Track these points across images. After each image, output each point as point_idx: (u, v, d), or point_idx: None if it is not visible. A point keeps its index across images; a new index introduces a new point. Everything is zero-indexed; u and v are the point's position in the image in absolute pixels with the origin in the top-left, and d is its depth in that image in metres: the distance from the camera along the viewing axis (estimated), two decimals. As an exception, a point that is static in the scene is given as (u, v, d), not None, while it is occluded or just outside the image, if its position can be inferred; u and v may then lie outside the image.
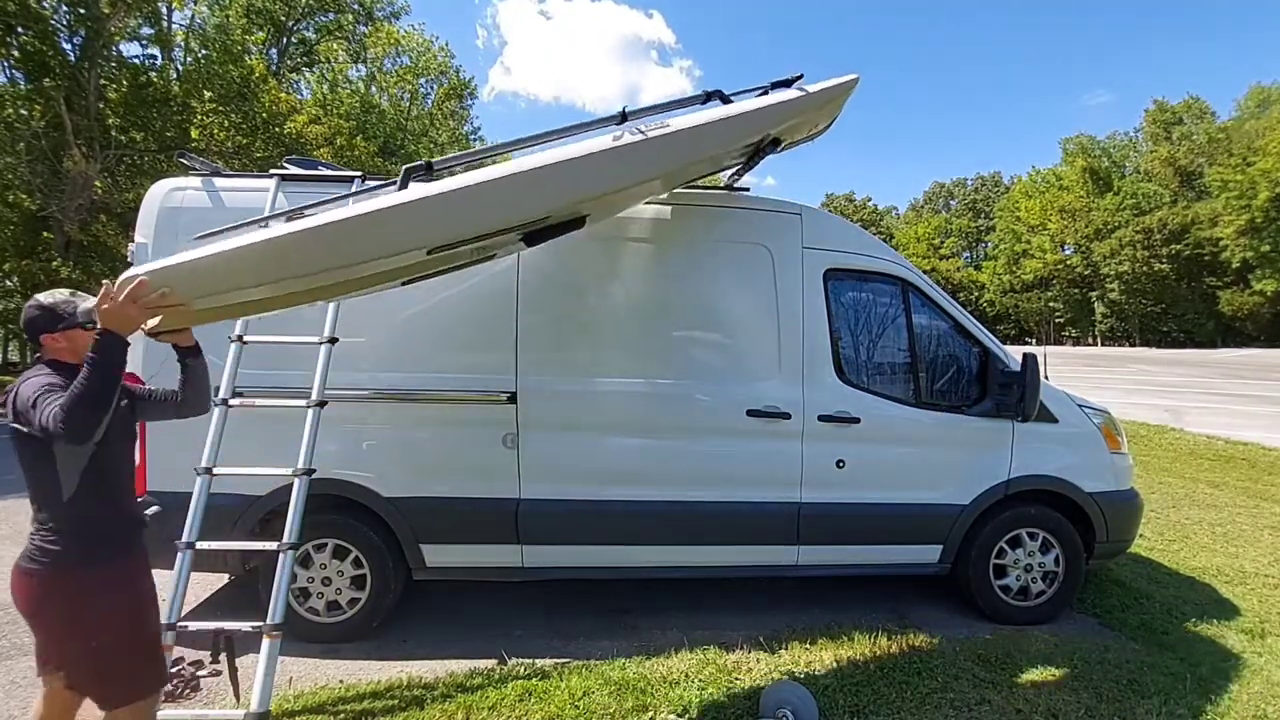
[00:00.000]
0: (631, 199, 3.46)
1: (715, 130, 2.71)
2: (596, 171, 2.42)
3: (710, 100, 2.96)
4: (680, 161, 2.71)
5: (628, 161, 2.50)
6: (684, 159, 2.71)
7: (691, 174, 3.40)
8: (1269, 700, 3.12)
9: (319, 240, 2.07)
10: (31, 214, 17.59)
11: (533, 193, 2.30)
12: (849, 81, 3.12)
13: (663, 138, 2.53)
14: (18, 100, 16.94)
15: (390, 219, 2.11)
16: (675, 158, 2.64)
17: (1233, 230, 47.81)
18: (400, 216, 2.13)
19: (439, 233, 2.23)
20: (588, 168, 2.39)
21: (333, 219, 2.07)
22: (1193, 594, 4.44)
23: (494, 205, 2.24)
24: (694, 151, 2.70)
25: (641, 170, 2.59)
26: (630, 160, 2.50)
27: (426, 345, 3.64)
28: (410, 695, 3.06)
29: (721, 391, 3.73)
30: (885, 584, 4.47)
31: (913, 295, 3.99)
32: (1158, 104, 61.34)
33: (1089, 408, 4.17)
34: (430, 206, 2.16)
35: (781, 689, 2.86)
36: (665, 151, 2.56)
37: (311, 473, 2.99)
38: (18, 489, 7.74)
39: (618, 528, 3.67)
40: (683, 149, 2.64)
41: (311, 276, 2.19)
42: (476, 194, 2.20)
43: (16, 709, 2.97)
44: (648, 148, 2.49)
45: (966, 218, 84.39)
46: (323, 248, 2.09)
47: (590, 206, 2.85)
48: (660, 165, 2.62)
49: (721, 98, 2.97)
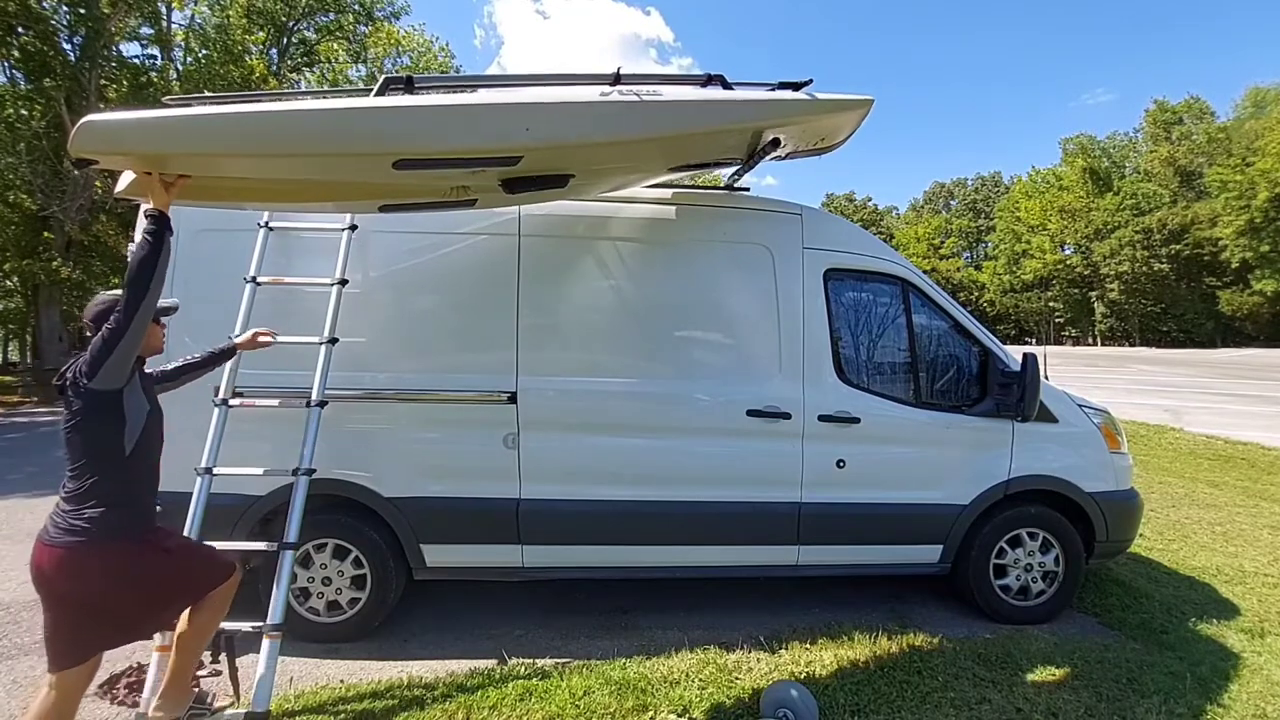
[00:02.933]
0: (618, 173, 3.43)
1: (706, 109, 2.74)
2: (570, 120, 2.48)
3: (711, 84, 2.96)
4: (663, 131, 2.69)
5: (605, 118, 2.54)
6: (667, 130, 2.69)
7: (678, 158, 3.35)
8: (1269, 700, 3.12)
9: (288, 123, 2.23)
10: (32, 214, 17.61)
11: (500, 125, 2.38)
12: (860, 100, 3.08)
13: (649, 103, 2.56)
14: (18, 100, 16.96)
15: (357, 119, 2.27)
16: (658, 126, 2.64)
17: (1232, 230, 47.80)
18: (367, 118, 2.28)
19: (403, 144, 2.30)
20: (562, 113, 2.47)
21: (304, 106, 2.24)
22: (1192, 593, 4.44)
23: (461, 129, 2.33)
24: (679, 124, 2.70)
25: (619, 129, 2.59)
26: (609, 116, 2.55)
27: (427, 345, 3.64)
28: (410, 695, 3.06)
29: (722, 391, 3.73)
30: (885, 584, 4.47)
31: (913, 295, 3.99)
32: (1158, 104, 61.33)
33: (1089, 408, 4.17)
34: (398, 115, 2.29)
35: (781, 689, 2.86)
36: (649, 117, 2.58)
37: (311, 473, 2.99)
38: (18, 489, 7.69)
39: (618, 528, 3.67)
40: (668, 119, 2.65)
41: (278, 160, 2.34)
42: (445, 114, 2.35)
43: (17, 709, 2.97)
44: (631, 109, 2.55)
45: (966, 218, 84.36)
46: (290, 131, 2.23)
47: (574, 165, 2.90)
48: (641, 129, 2.61)
49: (723, 84, 2.97)
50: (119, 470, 2.18)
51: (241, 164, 2.37)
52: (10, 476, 7.97)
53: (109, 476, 2.16)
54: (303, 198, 3.03)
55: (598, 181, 3.51)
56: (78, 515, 2.12)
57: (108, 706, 2.99)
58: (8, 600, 4.19)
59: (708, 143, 3.18)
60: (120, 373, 2.14)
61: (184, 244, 3.38)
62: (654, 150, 3.08)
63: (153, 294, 2.13)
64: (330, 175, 2.61)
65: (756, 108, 2.89)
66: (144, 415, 2.24)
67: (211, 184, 2.54)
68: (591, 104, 2.56)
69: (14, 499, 6.84)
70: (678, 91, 2.77)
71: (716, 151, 3.40)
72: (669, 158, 3.30)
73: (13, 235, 18.37)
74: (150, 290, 2.12)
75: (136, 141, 2.14)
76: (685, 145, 3.10)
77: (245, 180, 2.59)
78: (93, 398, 2.12)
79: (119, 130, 2.14)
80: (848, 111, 3.15)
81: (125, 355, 2.12)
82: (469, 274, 3.69)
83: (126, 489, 2.21)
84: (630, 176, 3.61)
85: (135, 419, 2.20)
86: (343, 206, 3.37)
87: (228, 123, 2.22)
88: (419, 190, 2.96)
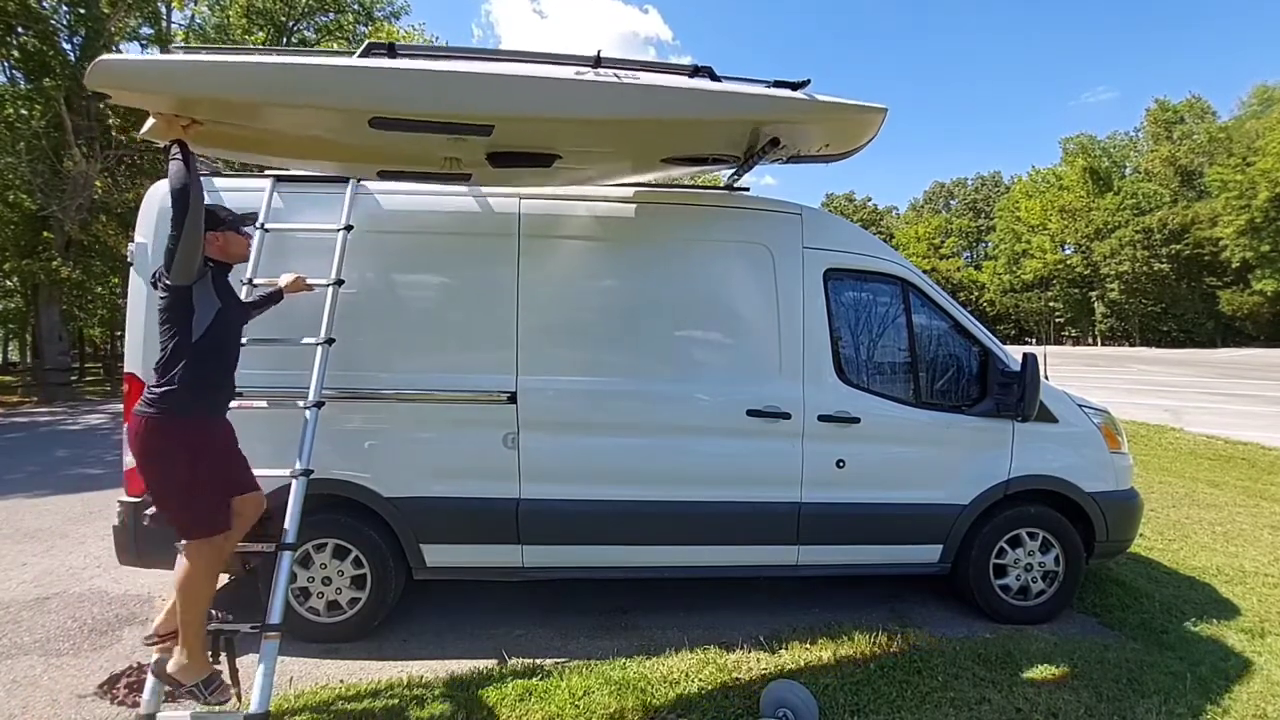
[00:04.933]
0: (606, 160, 3.48)
1: (682, 97, 2.78)
2: (535, 94, 2.62)
3: (698, 75, 2.95)
4: (634, 114, 2.75)
5: (573, 96, 2.65)
6: (638, 113, 2.75)
7: (666, 149, 3.35)
8: (1269, 700, 3.12)
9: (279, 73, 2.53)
10: (32, 214, 17.57)
11: (466, 93, 2.56)
12: (870, 108, 3.05)
13: (619, 85, 2.66)
14: (18, 100, 16.93)
15: (337, 75, 2.53)
16: (628, 108, 2.72)
17: (1233, 230, 47.81)
18: (346, 75, 2.54)
19: (374, 103, 2.53)
20: (528, 88, 2.61)
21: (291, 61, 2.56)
22: (1192, 593, 4.44)
23: (428, 93, 2.54)
24: (651, 109, 2.75)
25: (588, 108, 2.68)
26: (577, 95, 2.66)
27: (427, 345, 3.64)
28: (410, 695, 3.06)
29: (722, 391, 3.73)
30: (885, 584, 4.47)
31: (913, 295, 3.98)
32: (1159, 103, 61.32)
33: (1089, 407, 4.17)
34: (371, 75, 2.52)
35: (781, 689, 2.86)
36: (619, 99, 2.68)
37: (309, 474, 2.98)
38: (18, 489, 7.70)
39: (618, 528, 3.66)
40: (638, 103, 2.72)
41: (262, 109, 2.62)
42: (414, 77, 2.53)
43: (17, 709, 2.97)
44: (600, 90, 2.66)
45: (966, 217, 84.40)
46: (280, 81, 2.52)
47: (555, 144, 3.03)
48: (609, 110, 2.71)
49: (711, 75, 2.95)
50: (189, 355, 2.54)
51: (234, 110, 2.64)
52: (10, 476, 7.97)
53: (181, 360, 2.53)
54: (302, 153, 3.25)
55: (586, 167, 3.52)
56: (156, 390, 2.52)
57: (108, 706, 2.99)
58: (7, 600, 4.19)
59: (695, 135, 3.19)
60: (187, 271, 2.51)
61: None
62: (637, 137, 3.12)
63: (194, 209, 2.48)
64: (313, 129, 2.82)
65: (742, 102, 2.89)
66: (213, 311, 2.60)
67: (220, 131, 2.80)
68: (559, 81, 2.67)
69: (14, 499, 6.84)
70: (658, 79, 2.80)
71: (709, 146, 3.39)
72: (657, 148, 3.31)
73: (12, 235, 18.33)
74: (191, 206, 2.47)
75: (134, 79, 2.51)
76: (670, 135, 3.12)
77: (244, 130, 2.82)
78: (168, 291, 2.54)
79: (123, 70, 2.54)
80: (853, 117, 3.12)
81: (187, 256, 2.49)
82: (469, 274, 3.69)
83: (195, 372, 2.54)
84: (621, 165, 3.62)
85: (204, 312, 2.57)
86: (345, 168, 3.54)
87: (215, 69, 2.54)
88: (413, 158, 3.16)
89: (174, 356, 2.53)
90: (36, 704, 3.01)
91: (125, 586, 4.39)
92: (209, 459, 2.59)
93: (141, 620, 3.88)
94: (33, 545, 5.31)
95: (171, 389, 2.51)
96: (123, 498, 3.48)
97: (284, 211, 3.56)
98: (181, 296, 2.54)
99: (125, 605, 4.11)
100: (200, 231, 2.53)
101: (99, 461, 8.94)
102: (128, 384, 3.46)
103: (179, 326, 2.54)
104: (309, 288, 3.25)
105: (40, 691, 3.11)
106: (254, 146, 3.13)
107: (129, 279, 3.59)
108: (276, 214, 3.55)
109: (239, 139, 2.97)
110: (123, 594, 4.28)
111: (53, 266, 16.63)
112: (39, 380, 18.28)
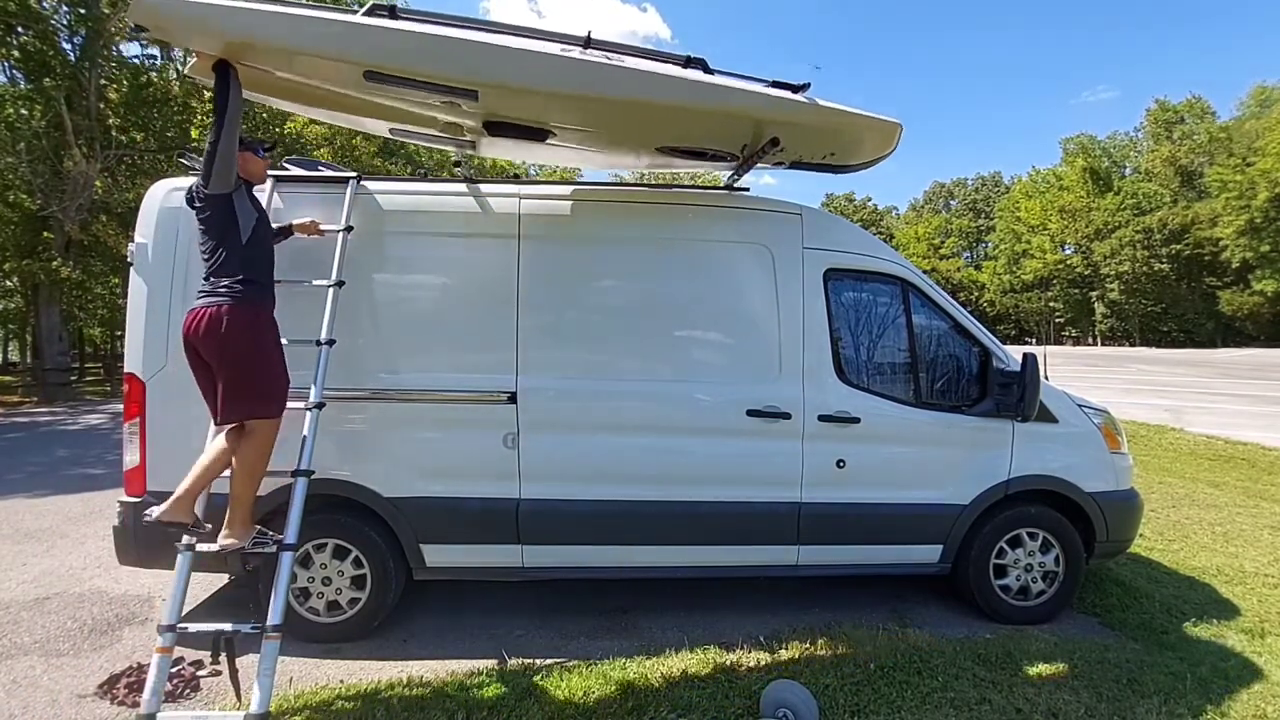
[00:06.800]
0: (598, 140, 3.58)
1: (668, 84, 2.86)
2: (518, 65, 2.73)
3: (691, 66, 2.95)
4: (614, 94, 2.84)
5: (555, 70, 2.76)
6: (617, 93, 2.84)
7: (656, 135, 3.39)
8: (1269, 700, 3.12)
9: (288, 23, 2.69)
10: (32, 214, 17.58)
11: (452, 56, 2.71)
12: (880, 120, 3.07)
13: (599, 65, 2.77)
14: (18, 100, 16.91)
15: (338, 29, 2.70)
16: (608, 88, 2.82)
17: (1233, 230, 47.81)
18: (346, 30, 2.71)
19: (366, 56, 2.70)
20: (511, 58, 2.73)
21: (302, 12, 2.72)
22: (1192, 593, 4.44)
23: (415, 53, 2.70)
24: (631, 90, 2.84)
25: (569, 83, 2.80)
26: (559, 70, 2.76)
27: (427, 345, 3.63)
28: (410, 695, 3.06)
29: (722, 391, 3.73)
30: (885, 584, 4.48)
31: (913, 295, 3.98)
32: (1159, 103, 61.33)
33: (1089, 407, 4.17)
34: (367, 31, 2.70)
35: (781, 689, 2.86)
36: (599, 78, 2.79)
37: (310, 474, 2.98)
38: (18, 489, 7.70)
39: (618, 528, 3.66)
40: (618, 83, 2.81)
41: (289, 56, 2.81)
42: (405, 37, 2.70)
43: (17, 709, 2.97)
44: (582, 68, 2.78)
45: (967, 218, 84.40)
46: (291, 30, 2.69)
47: (544, 117, 3.18)
48: (588, 88, 2.81)
49: (704, 68, 2.96)
50: (241, 252, 2.79)
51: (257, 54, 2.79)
52: (10, 476, 7.97)
53: (235, 257, 2.77)
54: (317, 102, 3.42)
55: (579, 145, 3.63)
56: (216, 285, 2.74)
57: (108, 706, 2.99)
58: (7, 600, 4.19)
59: (686, 124, 3.22)
60: (224, 180, 2.76)
61: (186, 241, 3.42)
62: (626, 120, 3.20)
63: (231, 120, 2.73)
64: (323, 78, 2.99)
65: (728, 95, 2.92)
66: (253, 219, 2.87)
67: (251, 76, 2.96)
68: (539, 55, 2.76)
69: (14, 499, 6.84)
70: (645, 64, 2.87)
71: (703, 139, 3.40)
72: (649, 134, 3.37)
73: (12, 235, 18.34)
74: (228, 117, 2.72)
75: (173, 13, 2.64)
76: (660, 121, 3.17)
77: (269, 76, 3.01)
78: (208, 200, 2.77)
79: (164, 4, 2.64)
80: (858, 126, 3.14)
81: (224, 165, 2.74)
82: (469, 274, 3.69)
83: (249, 268, 2.80)
84: (615, 149, 3.67)
85: (246, 219, 2.84)
86: (355, 122, 3.86)
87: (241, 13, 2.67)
88: (419, 120, 3.38)
89: (229, 259, 2.76)
90: (36, 704, 3.01)
91: (125, 587, 4.39)
92: (279, 345, 2.89)
93: (141, 620, 3.89)
94: (33, 545, 5.31)
95: (238, 279, 2.75)
96: (123, 498, 3.47)
97: (284, 211, 3.56)
98: (224, 205, 2.77)
99: (125, 605, 4.11)
100: (236, 136, 2.76)
101: (99, 461, 8.94)
102: (128, 384, 3.46)
103: (227, 230, 2.78)
104: (320, 233, 3.41)
105: (40, 691, 3.11)
106: (279, 92, 3.32)
107: (129, 279, 3.59)
108: (277, 214, 3.54)
109: (267, 84, 3.15)
110: (123, 594, 4.28)
111: (53, 266, 16.64)
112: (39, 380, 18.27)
